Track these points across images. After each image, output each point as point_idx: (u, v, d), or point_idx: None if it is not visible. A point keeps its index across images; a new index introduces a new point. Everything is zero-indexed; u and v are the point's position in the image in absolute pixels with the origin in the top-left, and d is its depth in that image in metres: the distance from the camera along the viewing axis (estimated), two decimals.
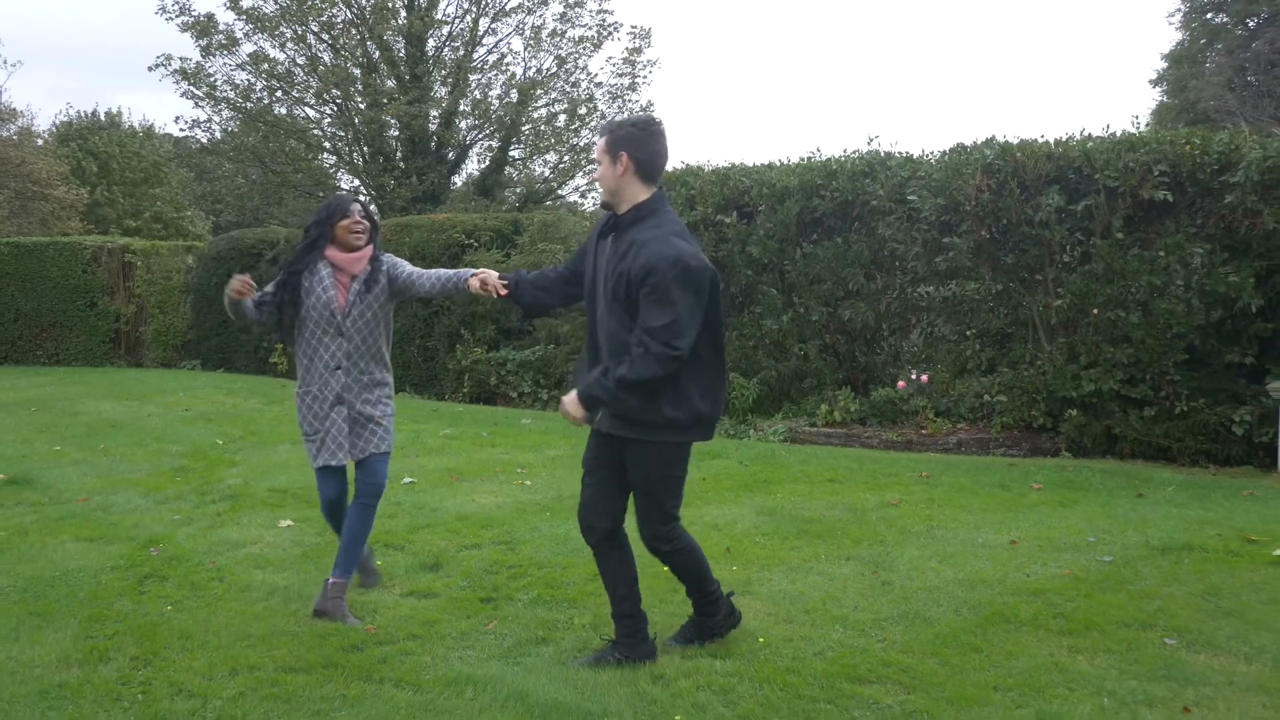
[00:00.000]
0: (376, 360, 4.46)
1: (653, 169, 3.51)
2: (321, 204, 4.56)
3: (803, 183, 9.90)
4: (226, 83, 23.27)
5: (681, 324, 3.36)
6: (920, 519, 5.87)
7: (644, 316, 3.38)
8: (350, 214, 4.34)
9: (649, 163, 3.47)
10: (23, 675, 3.64)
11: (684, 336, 3.36)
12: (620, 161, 3.49)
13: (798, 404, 10.16)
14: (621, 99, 24.32)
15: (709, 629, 3.86)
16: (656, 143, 3.54)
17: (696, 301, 3.41)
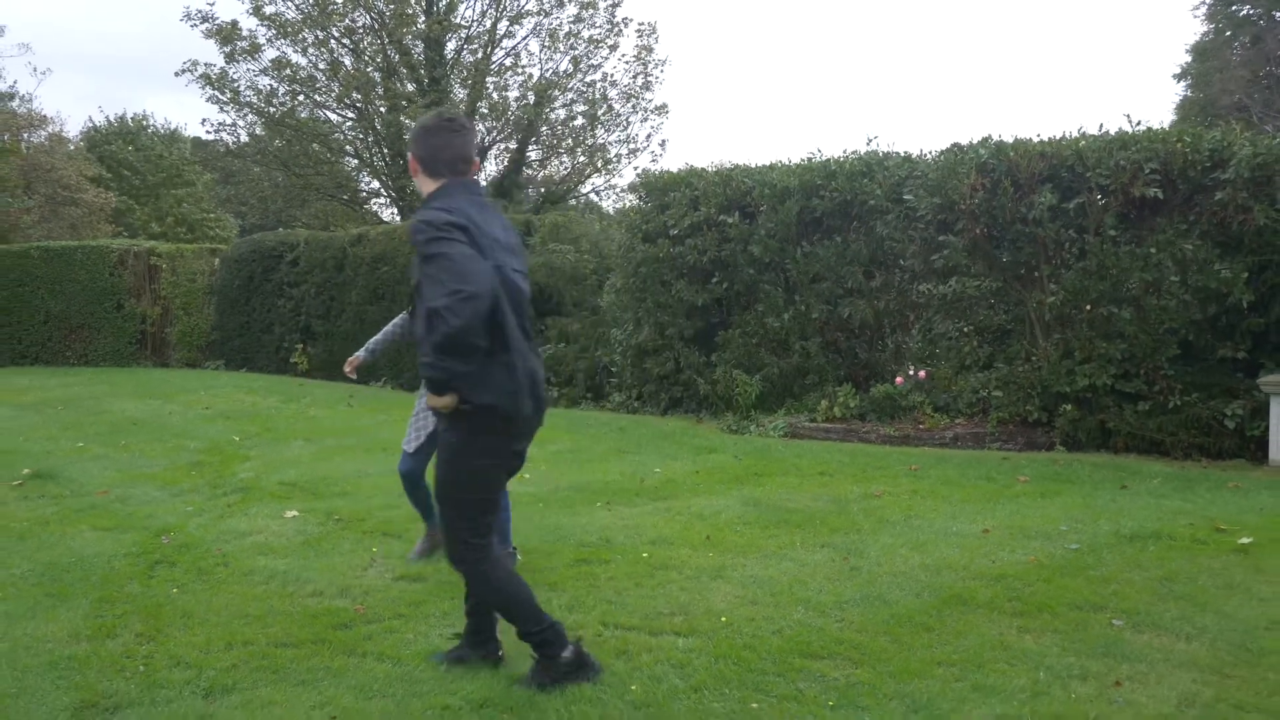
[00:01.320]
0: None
1: (435, 163, 3.45)
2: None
3: (803, 183, 10.09)
4: (250, 88, 23.69)
5: (449, 273, 3.12)
6: (899, 509, 6.05)
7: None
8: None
9: (430, 158, 3.45)
10: (36, 649, 3.92)
11: (468, 282, 3.10)
12: (410, 162, 3.58)
13: (800, 400, 10.34)
14: (636, 98, 24.56)
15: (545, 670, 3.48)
16: (435, 138, 3.48)
17: (459, 249, 3.18)
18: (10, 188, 21.06)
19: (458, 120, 3.55)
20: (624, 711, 3.23)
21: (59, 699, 3.42)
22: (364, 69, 23.81)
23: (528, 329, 3.44)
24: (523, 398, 3.34)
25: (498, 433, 3.34)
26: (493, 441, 3.35)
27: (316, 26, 23.40)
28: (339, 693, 3.44)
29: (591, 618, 4.16)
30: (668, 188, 11.37)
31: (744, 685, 3.43)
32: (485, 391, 3.24)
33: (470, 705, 3.31)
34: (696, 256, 10.84)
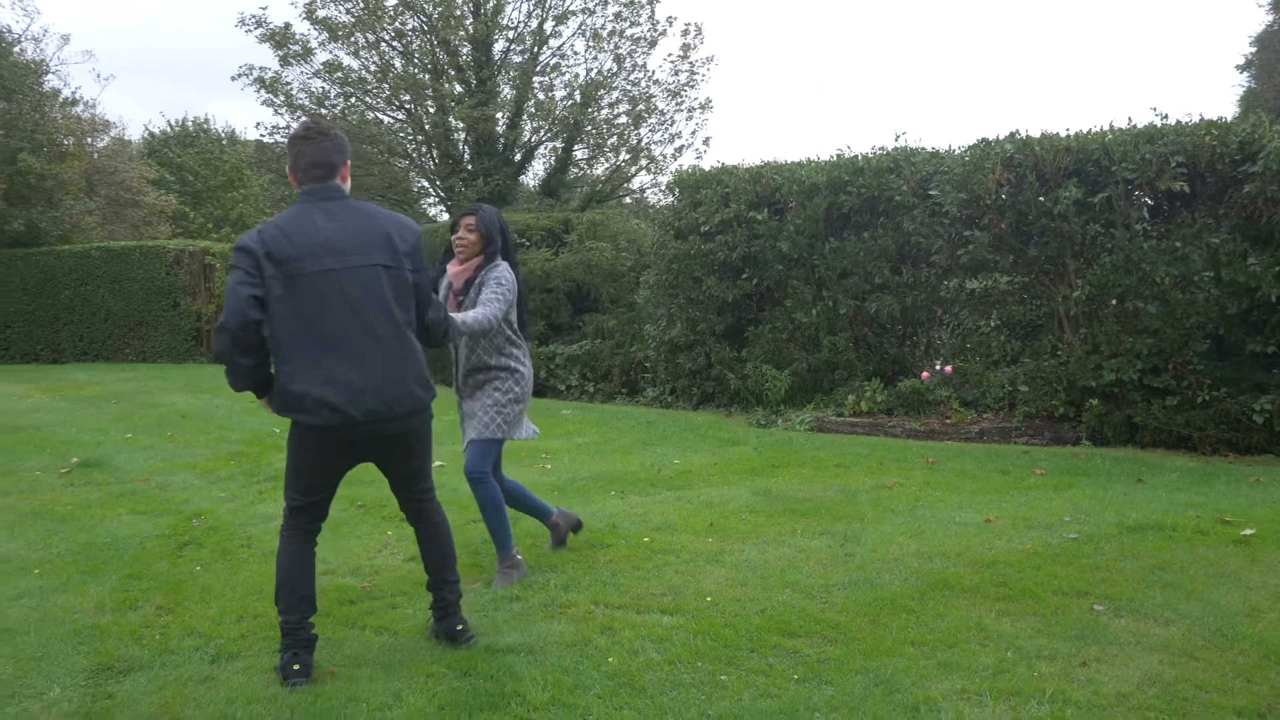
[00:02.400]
0: (487, 351, 4.67)
1: (295, 171, 3.56)
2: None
3: (830, 179, 10.16)
4: (303, 90, 24.22)
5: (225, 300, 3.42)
6: (906, 500, 6.14)
7: None
8: (455, 228, 4.60)
9: (292, 167, 3.58)
10: (64, 619, 4.19)
11: (225, 313, 3.37)
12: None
13: (829, 395, 10.42)
14: (679, 96, 24.66)
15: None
16: (293, 147, 3.59)
17: (235, 277, 3.38)
18: (73, 191, 21.76)
19: (312, 128, 3.59)
20: (598, 680, 3.39)
21: (78, 662, 3.66)
22: (413, 71, 24.22)
23: (368, 323, 3.44)
24: (313, 402, 3.37)
25: (302, 435, 3.49)
26: (307, 442, 3.49)
27: (367, 29, 23.86)
28: (334, 660, 3.64)
29: (584, 597, 4.32)
30: (699, 185, 11.50)
31: (717, 659, 3.57)
32: (275, 400, 3.51)
33: (454, 673, 3.49)
34: (726, 253, 10.96)
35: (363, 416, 3.39)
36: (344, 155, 3.59)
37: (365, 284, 3.43)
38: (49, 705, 3.30)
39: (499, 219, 4.65)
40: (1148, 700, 3.22)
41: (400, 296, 3.51)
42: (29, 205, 20.52)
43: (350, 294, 3.41)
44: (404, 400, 3.47)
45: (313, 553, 3.64)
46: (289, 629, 3.48)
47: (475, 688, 3.34)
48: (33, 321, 19.99)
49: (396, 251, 3.52)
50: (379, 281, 3.45)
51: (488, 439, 4.58)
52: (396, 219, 3.63)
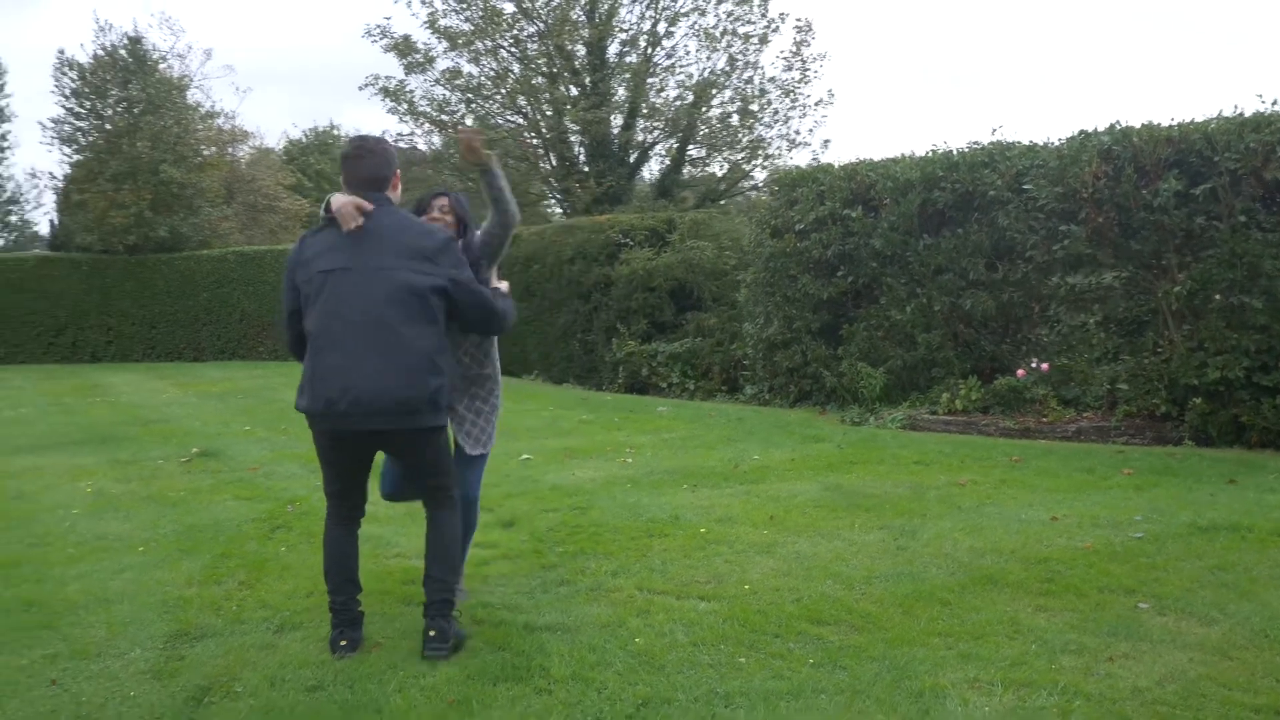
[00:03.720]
0: (475, 360, 4.39)
1: (349, 184, 3.75)
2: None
3: (924, 175, 10.08)
4: (424, 98, 25.06)
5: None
6: (976, 497, 6.10)
7: None
8: (425, 209, 4.17)
9: (345, 181, 3.77)
10: (156, 590, 4.59)
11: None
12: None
13: (925, 393, 10.33)
14: (793, 94, 24.56)
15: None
16: (343, 164, 3.81)
17: (285, 290, 3.88)
18: (212, 198, 23.08)
19: (361, 146, 3.80)
20: (621, 659, 3.56)
21: (160, 628, 4.03)
22: (529, 75, 24.78)
23: (365, 323, 3.55)
24: (304, 395, 3.65)
25: (311, 425, 3.73)
26: (313, 434, 3.78)
27: (486, 37, 24.54)
28: (385, 634, 3.91)
29: (630, 582, 4.49)
30: (796, 183, 11.54)
31: (740, 643, 3.70)
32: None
33: (490, 648, 3.71)
34: (821, 250, 10.96)
35: (340, 409, 3.53)
36: (392, 167, 3.83)
37: (372, 286, 3.57)
38: (128, 664, 3.65)
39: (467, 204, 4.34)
40: (1164, 695, 3.20)
41: (413, 300, 3.58)
42: (172, 213, 21.87)
43: (354, 295, 3.57)
44: (385, 398, 3.51)
45: (355, 537, 3.88)
46: (335, 608, 3.75)
47: (504, 661, 3.55)
48: (175, 322, 21.31)
49: (422, 256, 3.64)
50: (389, 284, 3.57)
51: (484, 453, 4.45)
52: (423, 226, 3.79)
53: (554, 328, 15.74)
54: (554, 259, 15.66)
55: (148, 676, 3.53)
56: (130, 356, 22.27)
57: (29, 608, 4.36)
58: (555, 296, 15.67)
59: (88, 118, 22.40)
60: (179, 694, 3.36)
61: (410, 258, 3.62)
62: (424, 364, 3.58)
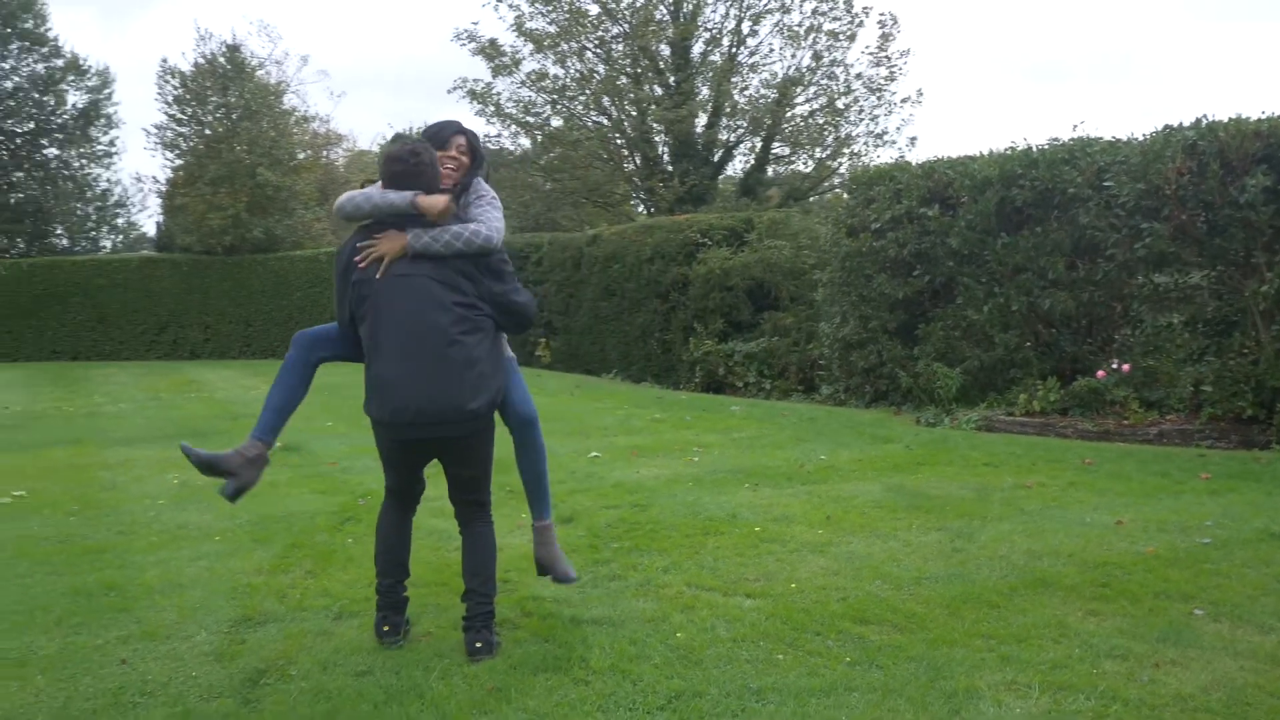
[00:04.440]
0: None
1: (389, 188, 3.71)
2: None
3: (1003, 173, 9.90)
4: (510, 100, 25.43)
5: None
6: (1041, 500, 6.01)
7: None
8: (444, 145, 3.85)
9: (386, 185, 3.72)
10: (227, 578, 4.81)
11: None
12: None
13: (1003, 394, 10.16)
14: (880, 91, 24.27)
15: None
16: (386, 167, 3.74)
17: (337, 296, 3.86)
18: (305, 200, 23.78)
19: (403, 151, 3.69)
20: (660, 652, 3.62)
21: (227, 613, 4.23)
22: (614, 76, 24.96)
23: (412, 331, 3.56)
24: (370, 404, 3.75)
25: (375, 429, 3.87)
26: (378, 433, 3.89)
27: (571, 38, 24.80)
28: (438, 623, 4.05)
29: (679, 579, 4.56)
30: (873, 182, 11.45)
31: (780, 640, 3.73)
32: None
33: (535, 639, 3.82)
34: (897, 250, 10.85)
35: (389, 417, 3.63)
36: (435, 170, 3.75)
37: (414, 293, 3.56)
38: (194, 646, 3.85)
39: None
40: (1208, 703, 3.14)
41: (465, 307, 3.57)
42: (267, 215, 22.62)
43: (399, 302, 3.57)
44: (432, 409, 3.54)
45: (409, 524, 4.04)
46: (382, 591, 3.89)
47: (547, 652, 3.65)
48: (270, 320, 22.04)
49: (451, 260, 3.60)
50: (427, 291, 3.56)
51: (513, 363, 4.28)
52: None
53: (633, 327, 15.86)
54: (633, 259, 15.77)
55: (210, 658, 3.72)
56: (227, 354, 23.12)
57: (109, 591, 4.61)
58: (634, 296, 15.78)
59: (189, 123, 23.31)
60: (236, 675, 3.53)
61: (455, 269, 3.63)
62: (481, 371, 3.61)
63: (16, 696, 3.43)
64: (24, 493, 7.12)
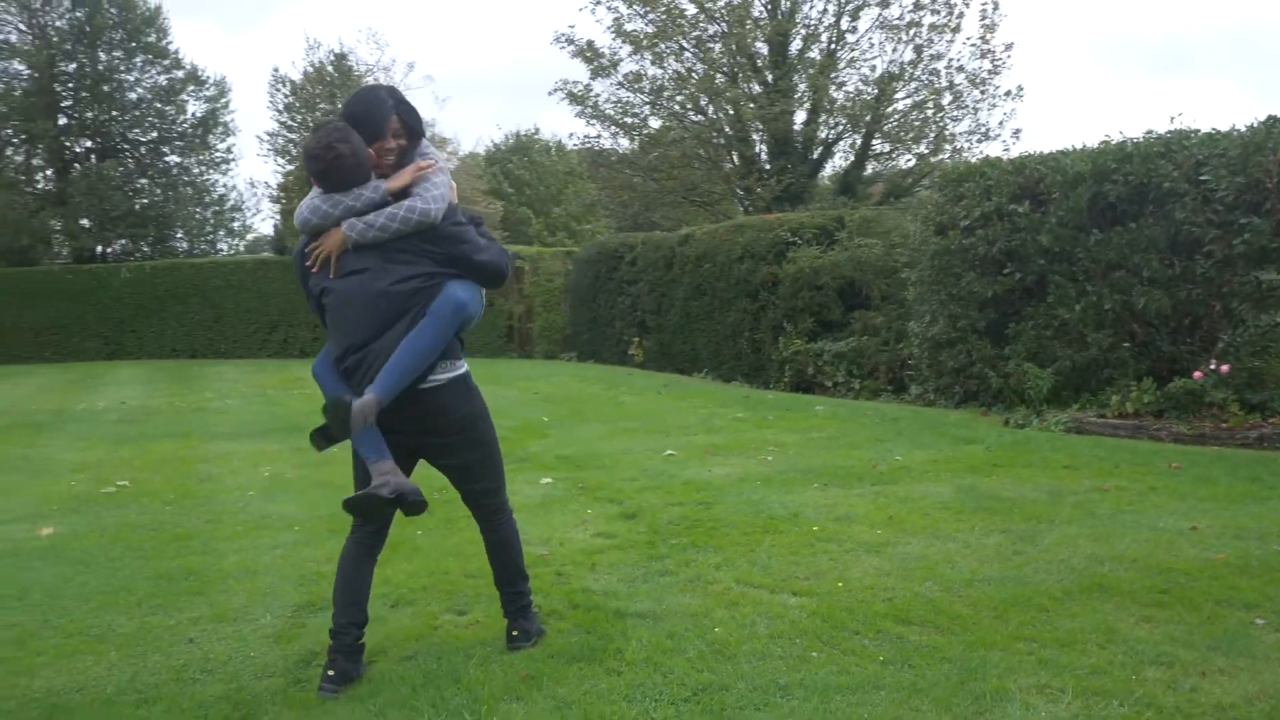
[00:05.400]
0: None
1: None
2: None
3: (1095, 168, 9.62)
4: (609, 101, 25.68)
5: None
6: (1115, 504, 5.85)
7: None
8: (378, 135, 3.52)
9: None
10: (298, 565, 5.06)
11: None
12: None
13: (1095, 395, 9.88)
14: (983, 85, 23.74)
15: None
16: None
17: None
18: None
19: (312, 152, 3.48)
20: (696, 646, 3.68)
21: (292, 598, 4.45)
22: (711, 74, 24.98)
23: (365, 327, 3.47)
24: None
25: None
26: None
27: (668, 38, 24.91)
28: (489, 614, 4.18)
29: (729, 575, 4.60)
30: (963, 179, 11.24)
31: (817, 637, 3.75)
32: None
33: (578, 630, 3.92)
34: (986, 247, 10.63)
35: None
36: (358, 155, 3.46)
37: (361, 290, 3.47)
38: (257, 628, 4.07)
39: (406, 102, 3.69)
40: (1251, 714, 3.06)
41: (395, 290, 3.43)
42: None
43: (350, 301, 3.50)
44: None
45: (370, 564, 3.79)
46: (334, 632, 3.58)
47: (586, 643, 3.74)
48: None
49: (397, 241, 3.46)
50: (370, 287, 3.46)
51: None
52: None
53: (723, 326, 15.86)
54: (724, 258, 15.78)
55: (270, 640, 3.93)
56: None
57: (189, 576, 4.89)
58: (724, 295, 15.79)
59: (298, 130, 24.17)
60: (291, 656, 3.73)
61: (404, 248, 3.52)
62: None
63: (91, 669, 3.69)
64: (128, 483, 7.56)
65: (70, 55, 29.28)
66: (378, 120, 3.49)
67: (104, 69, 29.57)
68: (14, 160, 30.30)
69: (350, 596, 3.60)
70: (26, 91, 28.90)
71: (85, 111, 29.92)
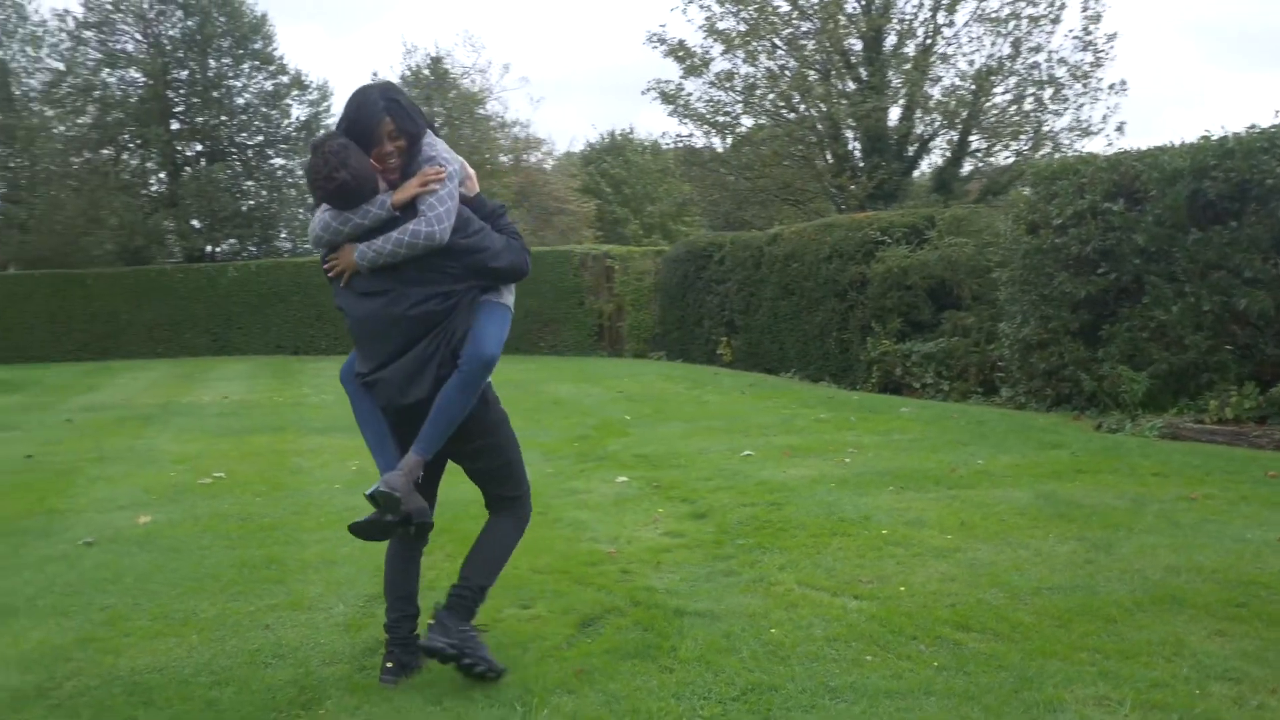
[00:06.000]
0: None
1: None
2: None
3: (1194, 164, 9.30)
4: (700, 100, 25.67)
5: None
6: (1202, 514, 5.66)
7: None
8: (375, 140, 3.43)
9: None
10: (374, 557, 5.04)
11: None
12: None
13: (1194, 400, 9.55)
14: (1086, 78, 23.03)
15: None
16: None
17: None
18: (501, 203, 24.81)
19: (314, 180, 3.41)
20: (750, 646, 3.71)
21: (365, 589, 4.61)
22: (804, 72, 24.78)
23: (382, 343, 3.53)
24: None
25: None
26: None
27: (761, 36, 24.79)
28: (551, 608, 4.27)
29: (792, 577, 4.61)
30: (1055, 176, 10.97)
31: (873, 641, 3.74)
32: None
33: (637, 627, 3.98)
34: (1079, 247, 10.36)
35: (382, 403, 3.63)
36: (362, 173, 3.42)
37: (376, 308, 3.52)
38: (330, 616, 4.23)
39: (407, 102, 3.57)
40: None
41: (409, 315, 3.47)
42: None
43: (366, 317, 3.57)
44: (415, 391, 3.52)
45: (416, 555, 3.92)
46: (388, 625, 3.69)
47: (643, 639, 3.80)
48: None
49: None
50: (383, 309, 3.51)
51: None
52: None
53: (811, 326, 15.76)
54: (812, 257, 15.68)
55: (341, 628, 4.08)
56: None
57: (271, 564, 5.09)
58: (812, 295, 15.68)
59: None
60: (358, 644, 3.87)
61: (418, 265, 3.56)
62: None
63: (173, 651, 3.89)
64: (224, 474, 7.88)
65: (182, 63, 30.55)
66: (370, 127, 3.39)
67: (213, 75, 30.76)
68: (130, 164, 31.71)
69: (399, 591, 3.72)
70: (142, 98, 30.22)
71: (196, 117, 31.15)
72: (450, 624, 3.48)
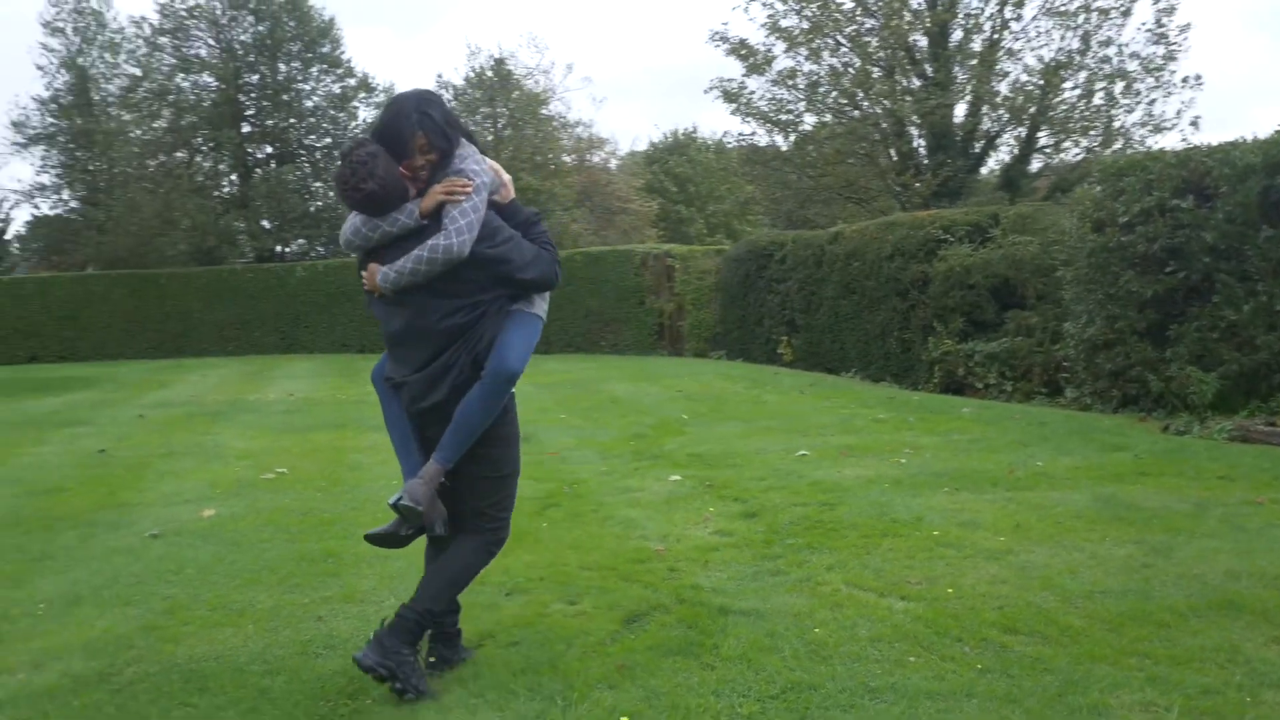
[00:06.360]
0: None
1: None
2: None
3: (1266, 159, 9.05)
4: (763, 98, 25.57)
5: None
6: (1267, 518, 5.51)
7: None
8: (405, 152, 3.47)
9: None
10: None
11: None
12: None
13: (1266, 402, 9.29)
14: (1158, 72, 22.47)
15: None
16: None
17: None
18: (564, 202, 25.00)
19: (344, 193, 3.46)
20: (793, 646, 3.71)
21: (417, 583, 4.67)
22: (867, 70, 24.55)
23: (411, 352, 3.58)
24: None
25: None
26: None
27: (824, 34, 24.62)
28: (596, 604, 4.31)
29: (840, 577, 4.59)
30: (1122, 173, 10.74)
31: (917, 642, 3.71)
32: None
33: (681, 624, 4.00)
34: (1146, 245, 10.13)
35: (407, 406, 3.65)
36: (391, 181, 3.46)
37: (406, 318, 3.57)
38: (381, 609, 4.33)
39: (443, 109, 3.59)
40: None
41: (438, 328, 3.50)
42: None
43: (398, 328, 3.61)
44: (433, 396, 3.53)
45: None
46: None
47: (686, 637, 3.82)
48: None
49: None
50: (412, 321, 3.56)
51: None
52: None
53: (872, 325, 15.62)
54: (873, 256, 15.54)
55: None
56: None
57: (328, 558, 5.21)
58: (874, 294, 15.54)
59: None
60: None
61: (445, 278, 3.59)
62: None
63: (230, 640, 4.00)
64: (286, 470, 8.07)
65: (253, 67, 31.32)
66: (404, 139, 3.42)
67: (283, 79, 31.48)
68: (202, 167, 32.56)
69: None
70: (214, 102, 31.02)
71: (266, 119, 31.91)
72: (388, 644, 3.40)
